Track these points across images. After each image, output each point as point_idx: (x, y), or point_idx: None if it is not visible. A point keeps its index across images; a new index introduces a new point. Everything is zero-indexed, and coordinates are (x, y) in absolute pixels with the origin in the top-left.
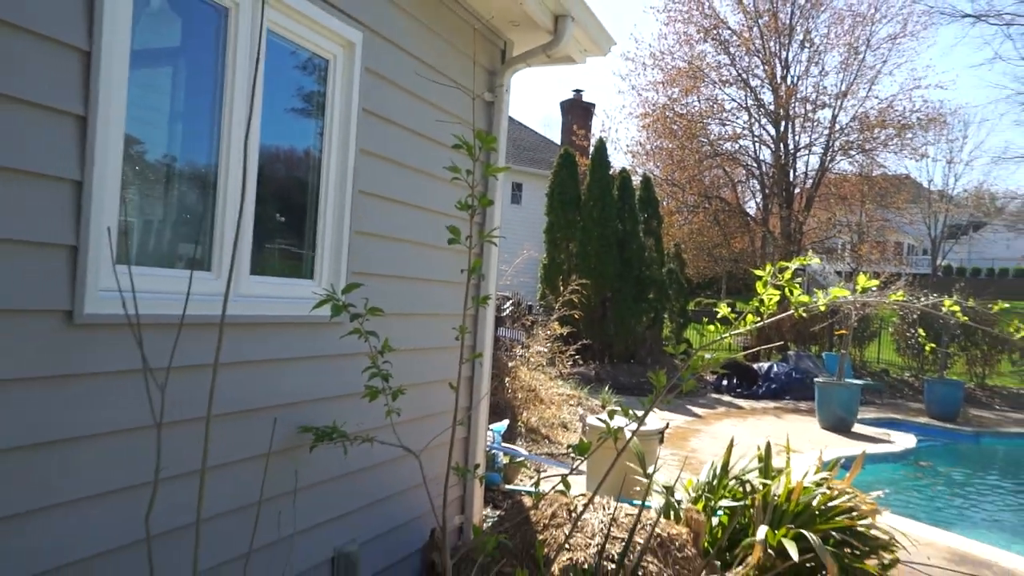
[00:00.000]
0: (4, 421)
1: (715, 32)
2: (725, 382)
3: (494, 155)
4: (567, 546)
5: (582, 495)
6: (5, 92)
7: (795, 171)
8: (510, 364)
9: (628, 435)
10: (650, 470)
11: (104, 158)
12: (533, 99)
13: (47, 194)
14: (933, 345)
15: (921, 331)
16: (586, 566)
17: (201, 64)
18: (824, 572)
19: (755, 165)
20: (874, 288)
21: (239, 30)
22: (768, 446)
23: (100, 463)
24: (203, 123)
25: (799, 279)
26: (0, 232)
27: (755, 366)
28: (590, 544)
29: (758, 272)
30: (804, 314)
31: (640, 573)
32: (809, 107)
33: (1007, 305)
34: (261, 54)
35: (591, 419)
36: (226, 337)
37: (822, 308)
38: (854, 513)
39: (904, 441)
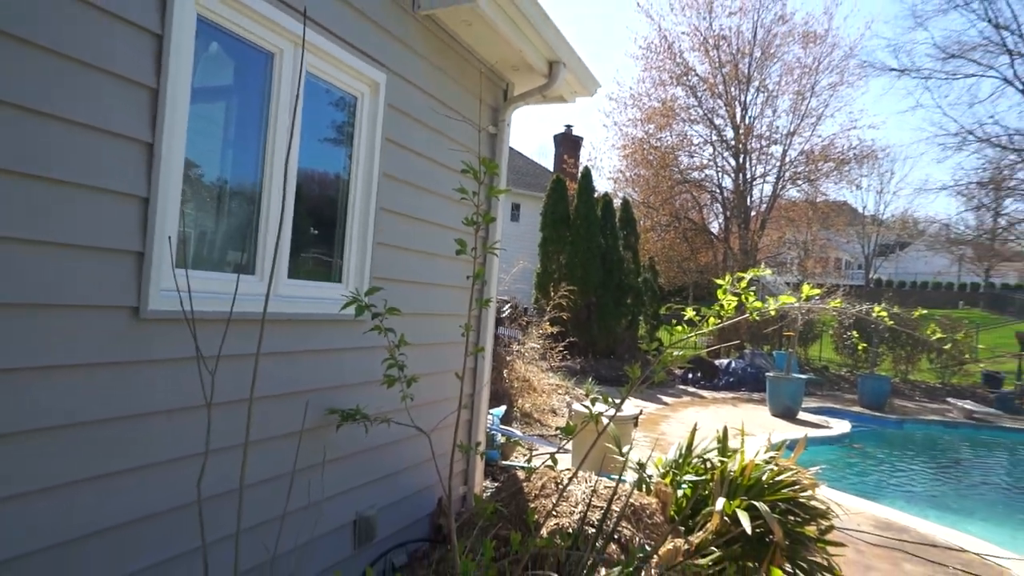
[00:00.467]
0: (83, 399)
1: (685, 79)
2: (690, 375)
3: (496, 179)
4: (554, 513)
5: (567, 470)
6: (89, 123)
7: (752, 197)
8: (508, 358)
9: (607, 420)
10: (625, 449)
11: (167, 178)
12: (529, 131)
13: (120, 208)
14: (865, 345)
15: (855, 333)
16: (570, 530)
17: (249, 99)
18: (771, 536)
19: (718, 191)
20: (817, 296)
21: (283, 71)
22: (725, 430)
23: (160, 436)
24: (250, 149)
25: (754, 288)
26: (82, 240)
27: (716, 362)
28: (574, 512)
29: (719, 281)
30: (758, 318)
31: (616, 536)
32: (764, 143)
33: (926, 312)
34: (300, 92)
35: (576, 405)
36: (266, 331)
37: (773, 313)
38: (797, 487)
39: (840, 427)
